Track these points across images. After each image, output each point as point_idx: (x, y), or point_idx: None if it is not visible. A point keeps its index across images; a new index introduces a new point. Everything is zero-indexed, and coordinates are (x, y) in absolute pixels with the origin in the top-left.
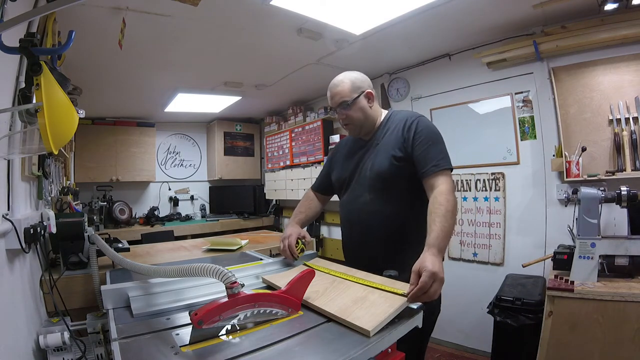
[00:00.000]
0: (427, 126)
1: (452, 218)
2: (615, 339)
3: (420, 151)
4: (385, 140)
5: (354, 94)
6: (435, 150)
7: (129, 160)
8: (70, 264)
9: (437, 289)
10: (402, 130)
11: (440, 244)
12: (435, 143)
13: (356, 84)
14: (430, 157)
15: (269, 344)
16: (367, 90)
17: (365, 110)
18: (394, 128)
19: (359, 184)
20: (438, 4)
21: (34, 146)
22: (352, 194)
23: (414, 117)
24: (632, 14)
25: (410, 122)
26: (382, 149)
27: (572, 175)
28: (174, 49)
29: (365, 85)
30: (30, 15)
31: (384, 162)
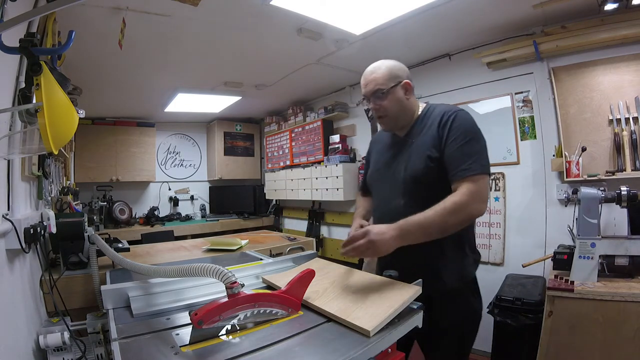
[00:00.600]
0: (463, 122)
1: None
2: (615, 339)
3: (451, 151)
4: (421, 138)
5: (390, 83)
6: (468, 151)
7: (129, 160)
8: (70, 264)
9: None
10: (439, 125)
11: (406, 227)
12: (469, 142)
13: (394, 72)
14: (461, 159)
15: (269, 344)
16: (405, 81)
17: (401, 102)
18: (430, 124)
19: (391, 186)
20: (438, 4)
21: (34, 146)
22: (384, 196)
23: (451, 111)
24: (632, 14)
25: (447, 118)
26: (417, 149)
27: (572, 175)
28: (174, 49)
29: (403, 74)
30: (30, 15)
31: (419, 163)
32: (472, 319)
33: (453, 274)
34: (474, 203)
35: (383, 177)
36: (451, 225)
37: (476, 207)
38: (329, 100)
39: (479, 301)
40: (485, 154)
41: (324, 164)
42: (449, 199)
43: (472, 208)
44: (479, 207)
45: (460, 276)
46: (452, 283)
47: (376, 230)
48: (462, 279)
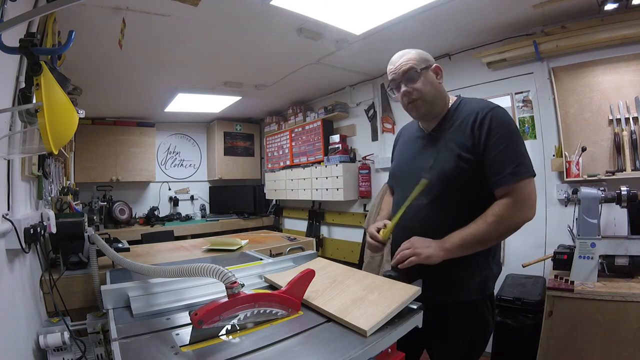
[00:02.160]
0: (503, 122)
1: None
2: (615, 339)
3: (494, 154)
4: (451, 135)
5: (422, 64)
6: (511, 154)
7: (129, 160)
8: (70, 264)
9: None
10: (473, 125)
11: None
12: (511, 143)
13: (424, 56)
14: (506, 163)
15: (269, 344)
16: (435, 65)
17: (434, 85)
18: (462, 121)
19: (414, 183)
20: (438, 4)
21: (34, 146)
22: (406, 194)
23: (486, 109)
24: (632, 14)
25: (483, 116)
26: (447, 146)
27: (572, 175)
28: (174, 49)
29: (432, 59)
30: (30, 15)
31: (448, 161)
32: (485, 331)
33: (474, 286)
34: (521, 212)
35: (407, 173)
36: (495, 239)
37: (524, 216)
38: (329, 100)
39: (493, 315)
40: (527, 155)
41: (324, 164)
42: (493, 212)
43: (519, 218)
44: (527, 214)
45: (481, 289)
46: (472, 295)
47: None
48: (482, 291)
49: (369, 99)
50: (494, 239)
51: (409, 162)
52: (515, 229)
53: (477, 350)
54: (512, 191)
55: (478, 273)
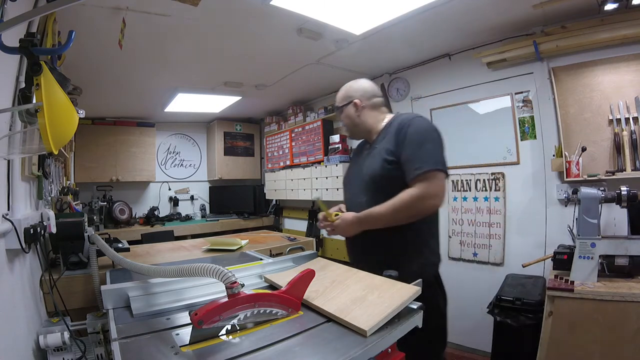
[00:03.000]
0: (418, 127)
1: (396, 211)
2: (615, 339)
3: (407, 154)
4: (382, 144)
5: (343, 102)
6: (421, 152)
7: (129, 160)
8: (70, 264)
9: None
10: (397, 133)
11: (362, 217)
12: (423, 144)
13: (348, 93)
14: (415, 160)
15: (269, 344)
16: (355, 101)
17: (351, 118)
18: (391, 131)
19: (357, 185)
20: (438, 4)
21: (34, 146)
22: (352, 195)
23: (409, 118)
24: (632, 14)
25: (405, 124)
26: (377, 152)
27: (572, 175)
28: (174, 49)
29: (355, 95)
30: (30, 15)
31: (376, 165)
32: (436, 314)
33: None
34: (424, 200)
35: (351, 178)
36: (402, 219)
37: (428, 203)
38: (329, 100)
39: (442, 298)
40: (439, 153)
41: (324, 164)
42: (399, 196)
43: (422, 204)
44: (431, 202)
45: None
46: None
47: (343, 217)
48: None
49: None
50: (401, 217)
51: (355, 169)
52: (420, 213)
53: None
54: (418, 182)
55: (414, 262)
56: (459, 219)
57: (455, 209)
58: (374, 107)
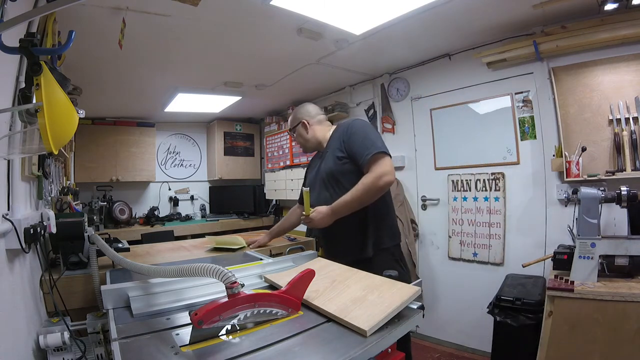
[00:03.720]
0: (358, 125)
1: (361, 195)
2: (615, 339)
3: (355, 148)
4: (331, 147)
5: (293, 124)
6: (366, 142)
7: (129, 160)
8: (70, 264)
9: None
10: (341, 134)
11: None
12: (366, 136)
13: (296, 117)
14: (363, 149)
15: (269, 344)
16: (302, 121)
17: (302, 135)
18: (336, 137)
19: (320, 185)
20: (438, 4)
21: (34, 146)
22: (317, 194)
23: (349, 122)
24: (632, 14)
25: (346, 127)
26: (330, 154)
27: (572, 175)
28: (174, 49)
29: (302, 116)
30: (30, 15)
31: (330, 162)
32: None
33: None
34: (380, 178)
35: (314, 180)
36: (367, 199)
37: (383, 180)
38: (329, 100)
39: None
40: (380, 141)
41: None
42: (360, 182)
43: (379, 182)
44: (386, 179)
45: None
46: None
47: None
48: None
49: (369, 99)
50: (365, 200)
51: (314, 174)
52: (380, 191)
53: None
54: (371, 165)
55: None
56: (459, 219)
57: (455, 209)
58: (320, 123)
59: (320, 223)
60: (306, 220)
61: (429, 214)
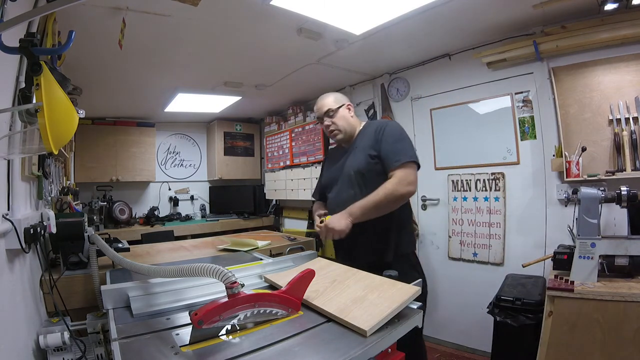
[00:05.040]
0: (393, 128)
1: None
2: (615, 339)
3: (386, 150)
4: (362, 144)
5: (337, 105)
6: (398, 148)
7: (129, 160)
8: (70, 264)
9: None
10: (375, 133)
11: (352, 210)
12: (399, 141)
13: (338, 98)
14: (394, 154)
15: (269, 344)
16: (347, 104)
17: (346, 118)
18: (369, 133)
19: (343, 182)
20: (438, 4)
21: (34, 146)
22: (338, 190)
23: (384, 122)
24: (632, 14)
25: (381, 127)
26: (360, 150)
27: (572, 175)
28: (174, 49)
29: (345, 100)
30: (30, 15)
31: (361, 161)
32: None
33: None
34: (402, 187)
35: (336, 177)
36: (385, 205)
37: (405, 189)
38: None
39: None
40: (412, 149)
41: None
42: (383, 186)
43: (401, 191)
44: (408, 189)
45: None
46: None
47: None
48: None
49: (369, 99)
50: (384, 207)
51: (336, 170)
52: (400, 199)
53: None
54: (397, 171)
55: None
56: (459, 219)
57: (455, 209)
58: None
59: (337, 225)
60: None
61: (429, 214)
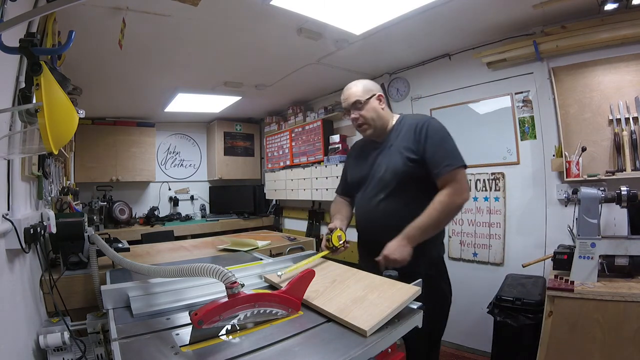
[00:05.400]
0: (438, 128)
1: (439, 217)
2: (615, 339)
3: (432, 152)
4: (398, 142)
5: (366, 95)
6: (446, 150)
7: (129, 160)
8: (70, 264)
9: (390, 264)
10: (414, 132)
11: (410, 233)
12: (445, 142)
13: (367, 87)
14: (442, 158)
15: (269, 344)
16: (378, 93)
17: (377, 110)
18: (406, 130)
19: (373, 184)
20: (438, 4)
21: (34, 146)
22: (367, 193)
23: (425, 120)
24: (632, 14)
25: (422, 125)
26: (396, 150)
27: (572, 175)
28: (174, 49)
29: (375, 88)
30: (30, 15)
31: (398, 162)
32: (442, 303)
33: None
34: (459, 196)
35: (366, 176)
36: (446, 221)
37: (462, 199)
38: (329, 100)
39: (449, 287)
40: (458, 151)
41: (324, 164)
42: (439, 200)
43: (458, 201)
44: (463, 198)
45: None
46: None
47: (385, 250)
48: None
49: None
50: (444, 222)
51: (367, 168)
52: (457, 211)
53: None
54: (449, 180)
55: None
56: (458, 219)
57: None
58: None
59: (398, 255)
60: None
61: None
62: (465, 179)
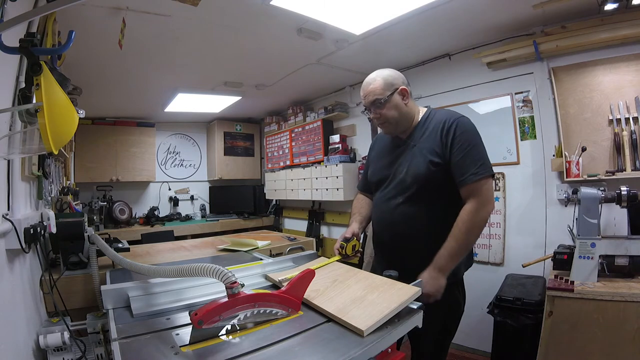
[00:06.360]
0: (466, 129)
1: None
2: (615, 339)
3: (458, 158)
4: (423, 142)
5: (387, 92)
6: (473, 157)
7: (129, 160)
8: (70, 264)
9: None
10: (441, 133)
11: (441, 264)
12: (474, 147)
13: (388, 81)
14: (469, 165)
15: (269, 344)
16: (401, 87)
17: (400, 107)
18: (432, 129)
19: (392, 185)
20: (438, 4)
21: (34, 146)
22: (385, 195)
23: (452, 118)
24: (632, 14)
25: (449, 125)
26: (420, 152)
27: (572, 175)
28: (174, 49)
29: (398, 81)
30: (30, 15)
31: (420, 166)
32: (456, 310)
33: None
34: (484, 209)
35: (387, 176)
36: (473, 240)
37: (487, 211)
38: (329, 100)
39: (463, 296)
40: (487, 157)
41: (324, 164)
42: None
43: (482, 216)
44: (489, 209)
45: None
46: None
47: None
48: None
49: None
50: (472, 241)
51: (387, 166)
52: (484, 225)
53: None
54: (475, 190)
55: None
56: None
57: None
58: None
59: (434, 291)
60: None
61: None
62: (490, 190)
